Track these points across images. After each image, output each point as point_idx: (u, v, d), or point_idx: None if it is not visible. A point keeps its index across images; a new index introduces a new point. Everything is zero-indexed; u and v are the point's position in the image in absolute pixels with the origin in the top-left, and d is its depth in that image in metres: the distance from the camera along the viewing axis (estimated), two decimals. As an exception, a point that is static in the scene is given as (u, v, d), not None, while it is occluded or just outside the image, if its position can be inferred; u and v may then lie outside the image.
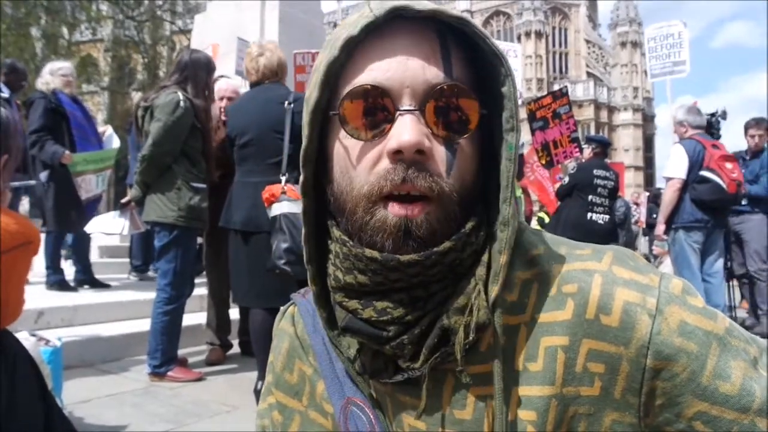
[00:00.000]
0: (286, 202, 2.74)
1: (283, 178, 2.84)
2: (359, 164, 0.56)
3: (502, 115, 0.56)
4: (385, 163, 0.54)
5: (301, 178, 0.60)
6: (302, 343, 0.71)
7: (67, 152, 4.44)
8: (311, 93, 0.57)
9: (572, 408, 0.54)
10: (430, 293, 0.56)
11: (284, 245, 2.73)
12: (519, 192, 6.17)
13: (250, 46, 3.27)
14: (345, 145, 0.57)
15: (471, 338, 0.53)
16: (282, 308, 0.77)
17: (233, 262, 3.15)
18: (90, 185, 4.70)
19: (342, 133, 0.57)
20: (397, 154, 0.53)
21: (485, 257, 0.57)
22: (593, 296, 0.55)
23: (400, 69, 0.54)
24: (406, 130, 0.52)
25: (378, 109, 0.54)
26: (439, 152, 0.54)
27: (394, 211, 0.54)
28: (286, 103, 2.96)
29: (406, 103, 0.54)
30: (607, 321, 0.54)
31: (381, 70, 0.54)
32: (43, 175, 4.54)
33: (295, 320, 0.74)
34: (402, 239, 0.54)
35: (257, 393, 3.01)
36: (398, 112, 0.54)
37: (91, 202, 4.78)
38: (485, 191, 0.59)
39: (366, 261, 0.55)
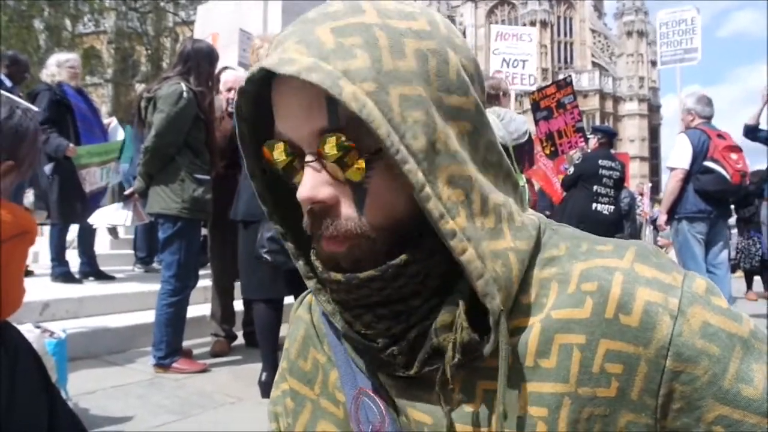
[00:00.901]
0: None
1: None
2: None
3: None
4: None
5: (256, 192, 0.64)
6: (317, 332, 0.72)
7: (71, 145, 4.44)
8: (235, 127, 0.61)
9: (588, 409, 0.53)
10: (411, 307, 0.56)
11: (267, 234, 2.75)
12: (523, 182, 6.17)
13: (255, 40, 3.26)
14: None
15: (457, 360, 0.53)
16: (301, 296, 0.78)
17: (239, 253, 3.17)
18: (94, 178, 4.70)
19: None
20: (306, 204, 0.55)
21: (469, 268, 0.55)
22: (613, 295, 0.54)
23: (292, 121, 0.55)
24: (303, 184, 0.54)
25: (288, 160, 0.56)
26: (347, 195, 0.54)
27: (322, 245, 0.56)
28: None
29: (307, 153, 0.54)
30: (627, 321, 0.53)
31: (281, 123, 0.56)
32: (48, 168, 4.55)
33: (312, 308, 0.74)
34: (335, 268, 0.56)
35: (261, 384, 3.03)
36: (304, 162, 0.55)
37: (96, 194, 4.79)
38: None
39: (334, 283, 0.57)
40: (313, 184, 0.53)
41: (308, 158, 0.54)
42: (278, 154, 0.56)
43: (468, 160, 0.55)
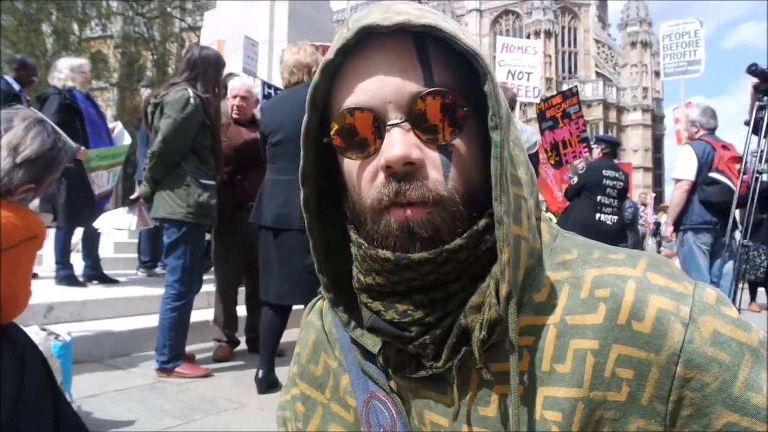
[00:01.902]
0: None
1: None
2: (361, 180, 0.58)
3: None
4: (381, 178, 0.56)
5: (302, 195, 0.63)
6: (329, 337, 0.73)
7: (82, 148, 4.47)
8: (304, 116, 0.60)
9: (598, 412, 0.54)
10: (449, 294, 0.57)
11: None
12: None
13: (285, 48, 3.32)
14: (346, 164, 0.60)
15: (483, 335, 0.54)
16: (311, 301, 0.79)
17: (263, 259, 3.18)
18: (102, 181, 4.72)
19: None
20: (389, 169, 0.54)
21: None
22: (626, 302, 0.55)
23: (380, 86, 0.55)
24: (392, 145, 0.54)
25: (366, 128, 0.56)
26: (433, 158, 0.55)
27: (396, 215, 0.56)
28: None
29: (392, 117, 0.55)
30: (639, 327, 0.54)
31: (362, 91, 0.56)
32: None
33: (323, 314, 0.75)
34: (407, 240, 0.55)
35: (258, 381, 3.09)
36: (386, 127, 0.55)
37: (102, 198, 4.81)
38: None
39: (380, 262, 0.57)
40: (405, 144, 0.54)
41: (397, 119, 0.55)
42: (362, 118, 0.56)
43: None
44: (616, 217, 5.69)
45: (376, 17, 0.54)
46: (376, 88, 0.55)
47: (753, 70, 3.97)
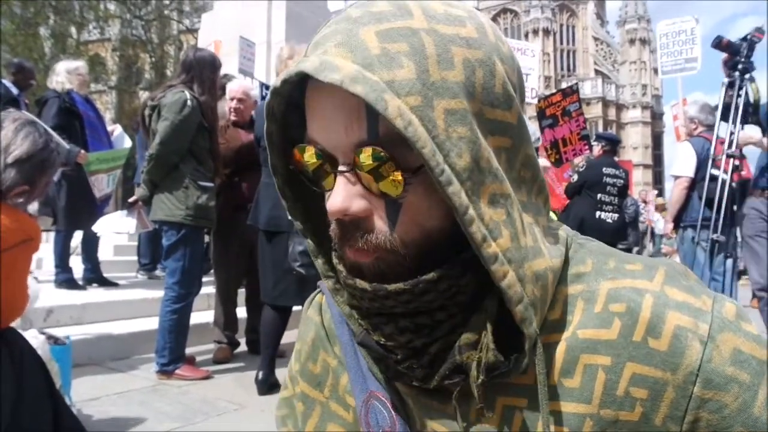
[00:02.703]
0: None
1: None
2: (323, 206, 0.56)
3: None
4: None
5: (275, 182, 0.61)
6: (328, 334, 0.71)
7: (83, 151, 4.46)
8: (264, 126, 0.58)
9: (608, 431, 0.52)
10: (435, 321, 0.54)
11: (300, 248, 2.81)
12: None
13: (282, 48, 3.28)
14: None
15: (481, 380, 0.51)
16: (311, 295, 0.76)
17: (260, 260, 3.22)
18: (102, 184, 4.72)
19: None
20: (336, 216, 0.52)
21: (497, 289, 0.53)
22: (643, 318, 0.53)
23: (327, 130, 0.52)
24: (335, 195, 0.51)
25: (321, 167, 0.54)
26: (379, 207, 0.52)
27: (347, 254, 0.54)
28: None
29: (341, 163, 0.52)
30: (655, 345, 0.52)
31: (315, 129, 0.53)
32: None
33: (323, 309, 0.73)
34: (357, 277, 0.54)
35: (258, 382, 3.10)
36: (336, 172, 0.52)
37: (102, 201, 4.81)
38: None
39: (359, 291, 0.54)
40: (345, 196, 0.51)
41: (342, 168, 0.51)
42: (309, 156, 0.53)
43: (505, 178, 0.52)
44: (616, 215, 5.67)
45: (311, 64, 0.48)
46: (325, 130, 0.52)
47: (718, 43, 3.72)
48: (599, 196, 5.55)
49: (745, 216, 4.02)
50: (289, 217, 0.63)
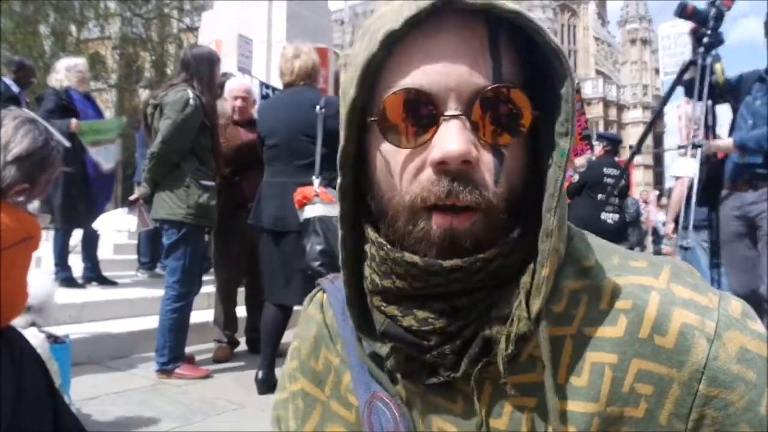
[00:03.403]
0: (320, 205, 2.79)
1: (317, 181, 2.87)
2: (401, 172, 0.52)
3: (553, 118, 0.52)
4: (429, 173, 0.51)
5: (339, 180, 0.57)
6: (331, 332, 0.69)
7: (74, 120, 4.46)
8: (347, 90, 0.53)
9: (613, 428, 0.52)
10: (473, 302, 0.53)
11: (319, 247, 2.77)
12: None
13: (286, 47, 3.27)
14: (386, 151, 0.54)
15: (510, 350, 0.51)
16: (310, 294, 0.74)
17: (264, 260, 3.20)
18: (99, 157, 4.72)
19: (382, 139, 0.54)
20: (441, 165, 0.49)
21: (531, 266, 0.53)
22: (649, 315, 0.52)
23: (445, 71, 0.49)
24: (451, 138, 0.48)
25: (421, 114, 0.51)
26: (486, 160, 0.51)
27: (438, 222, 0.51)
28: (318, 107, 3.00)
29: (452, 108, 0.49)
30: (662, 342, 0.51)
31: (424, 73, 0.50)
32: None
33: (324, 307, 0.71)
34: (448, 248, 0.51)
35: (258, 381, 3.10)
36: (443, 118, 0.50)
37: (101, 201, 4.81)
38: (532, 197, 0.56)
39: (405, 266, 0.52)
40: (464, 140, 0.49)
41: (456, 111, 0.49)
42: (419, 101, 0.50)
43: None
44: (617, 216, 5.66)
45: None
46: (440, 72, 0.49)
47: (682, 10, 3.20)
48: (600, 196, 5.54)
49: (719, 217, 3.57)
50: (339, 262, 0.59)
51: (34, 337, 2.07)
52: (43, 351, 1.98)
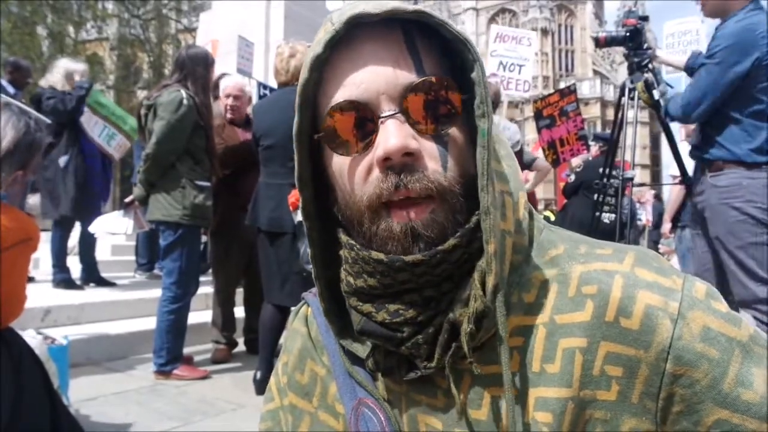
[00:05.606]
0: None
1: None
2: (355, 178, 0.57)
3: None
4: (377, 173, 0.55)
5: (300, 203, 0.62)
6: (315, 344, 0.71)
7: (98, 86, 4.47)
8: (295, 117, 0.58)
9: (588, 411, 0.53)
10: (442, 292, 0.56)
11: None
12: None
13: (281, 46, 3.26)
14: (338, 162, 0.58)
15: (470, 328, 0.52)
16: (294, 308, 0.77)
17: (262, 261, 3.21)
18: (95, 127, 4.71)
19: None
20: (386, 161, 0.53)
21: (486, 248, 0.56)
22: (614, 298, 0.54)
23: (372, 78, 0.54)
24: (389, 136, 0.53)
25: (360, 122, 0.55)
26: (429, 149, 0.55)
27: (397, 217, 0.54)
28: None
29: (386, 110, 0.54)
30: (627, 324, 0.53)
31: (354, 84, 0.55)
32: (62, 160, 4.53)
33: (309, 321, 0.74)
34: (411, 242, 0.54)
35: (256, 382, 3.10)
36: (380, 120, 0.54)
37: (96, 199, 4.81)
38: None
39: (373, 263, 0.55)
40: (402, 135, 0.53)
41: (390, 111, 0.54)
42: (356, 112, 0.55)
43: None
44: (614, 215, 5.66)
45: (364, 7, 0.53)
46: (369, 80, 0.54)
47: (596, 43, 3.21)
48: (596, 196, 5.54)
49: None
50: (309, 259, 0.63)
51: (32, 338, 2.07)
52: (41, 352, 1.98)
